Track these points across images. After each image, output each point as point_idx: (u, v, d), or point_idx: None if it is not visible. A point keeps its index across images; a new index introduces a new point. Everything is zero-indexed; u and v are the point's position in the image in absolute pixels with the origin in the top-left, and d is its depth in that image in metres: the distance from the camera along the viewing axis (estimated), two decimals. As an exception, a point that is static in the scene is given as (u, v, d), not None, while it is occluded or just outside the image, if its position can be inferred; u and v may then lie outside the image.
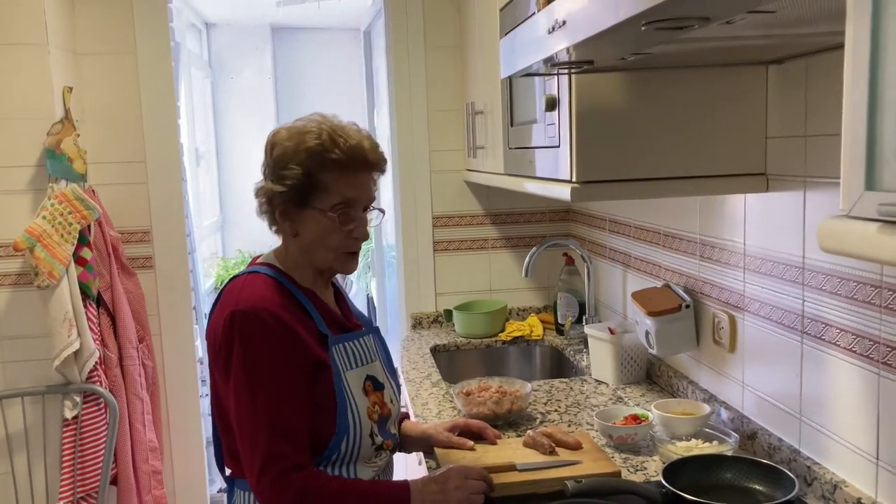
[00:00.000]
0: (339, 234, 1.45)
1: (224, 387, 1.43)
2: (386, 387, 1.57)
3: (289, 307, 1.43)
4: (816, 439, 1.50)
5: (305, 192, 1.43)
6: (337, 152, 1.41)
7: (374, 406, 1.51)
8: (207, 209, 5.87)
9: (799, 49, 1.39)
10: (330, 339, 1.47)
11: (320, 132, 1.43)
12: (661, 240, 2.15)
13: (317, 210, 1.43)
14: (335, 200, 1.43)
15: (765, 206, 1.65)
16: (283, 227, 1.48)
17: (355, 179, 1.44)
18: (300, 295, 1.47)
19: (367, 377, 1.52)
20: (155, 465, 2.76)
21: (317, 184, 1.42)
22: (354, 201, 1.45)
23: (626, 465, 1.68)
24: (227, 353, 1.39)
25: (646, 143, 1.61)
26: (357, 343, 1.53)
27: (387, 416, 1.55)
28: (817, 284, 1.47)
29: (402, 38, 2.90)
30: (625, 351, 2.21)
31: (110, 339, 2.66)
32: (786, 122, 1.56)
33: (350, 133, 1.45)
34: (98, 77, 2.75)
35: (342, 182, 1.42)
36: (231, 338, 1.38)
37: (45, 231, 2.43)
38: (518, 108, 2.10)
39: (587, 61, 1.32)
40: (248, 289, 1.43)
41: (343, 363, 1.48)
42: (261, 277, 1.47)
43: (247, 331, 1.37)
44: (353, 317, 1.63)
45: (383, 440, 1.52)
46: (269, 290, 1.43)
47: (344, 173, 1.42)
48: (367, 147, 1.45)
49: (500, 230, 3.02)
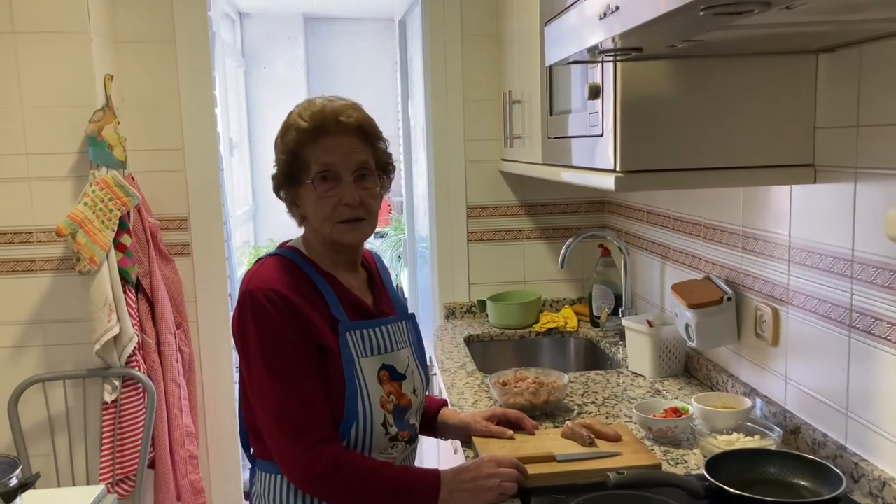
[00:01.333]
0: (326, 203, 1.44)
1: (244, 366, 1.45)
2: (408, 378, 1.55)
3: (298, 288, 1.43)
4: (864, 435, 1.48)
5: (293, 171, 1.46)
6: (301, 121, 1.44)
7: (388, 396, 1.48)
8: (240, 198, 5.92)
9: (853, 37, 1.36)
10: (342, 324, 1.46)
11: (295, 111, 1.47)
12: (701, 231, 2.12)
13: (303, 184, 1.46)
14: (315, 170, 1.44)
15: (811, 197, 1.62)
16: (294, 212, 1.52)
17: (330, 144, 1.43)
18: (317, 278, 1.48)
19: (384, 366, 1.50)
20: (191, 450, 2.79)
21: (300, 160, 1.45)
22: (333, 165, 1.44)
23: (666, 458, 1.67)
24: (241, 333, 1.42)
25: (691, 133, 1.58)
26: (378, 331, 1.51)
27: (405, 406, 1.52)
28: (867, 278, 1.44)
29: (438, 26, 2.89)
30: (663, 344, 2.18)
31: (149, 324, 2.69)
32: (836, 112, 1.52)
33: (316, 102, 1.47)
34: (138, 65, 2.77)
35: (318, 150, 1.43)
36: (243, 318, 1.41)
37: (87, 217, 2.47)
38: (557, 98, 2.08)
39: (635, 48, 1.30)
40: (262, 271, 1.45)
41: (357, 349, 1.46)
42: (278, 259, 1.48)
43: (256, 310, 1.39)
44: (386, 303, 1.61)
45: (398, 431, 1.50)
46: (280, 273, 1.45)
47: (317, 141, 1.43)
48: (336, 108, 1.45)
49: (535, 221, 3.01)
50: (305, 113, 1.45)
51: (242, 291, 1.43)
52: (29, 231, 2.61)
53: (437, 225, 3.00)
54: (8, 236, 2.61)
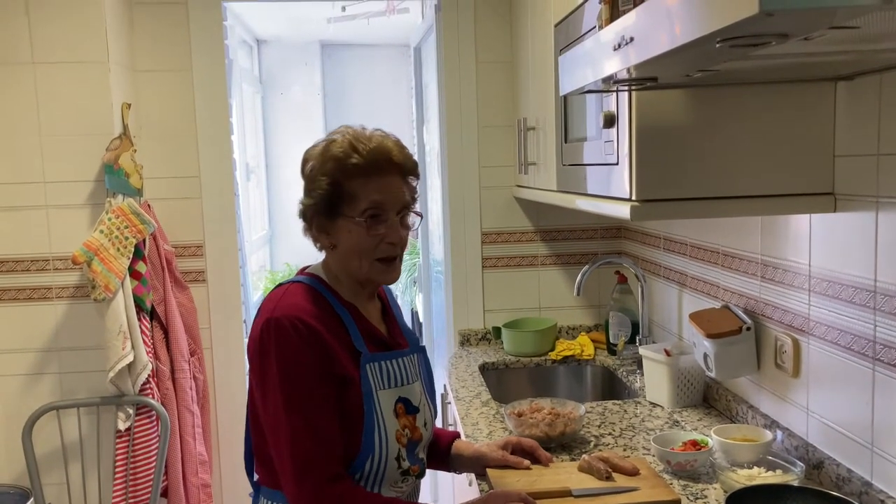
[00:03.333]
0: (371, 241, 1.43)
1: (259, 393, 1.42)
2: (421, 411, 1.53)
3: (324, 318, 1.42)
4: (890, 471, 1.43)
5: (334, 201, 1.43)
6: (356, 157, 1.41)
7: (403, 429, 1.47)
8: (256, 223, 5.95)
9: (872, 65, 1.34)
10: (363, 356, 1.44)
11: (342, 140, 1.44)
12: (719, 259, 2.10)
13: (347, 218, 1.43)
14: (363, 206, 1.42)
15: (832, 226, 1.59)
16: (322, 240, 1.49)
17: (381, 183, 1.42)
18: (340, 308, 1.46)
19: (400, 399, 1.48)
20: (204, 479, 2.78)
21: (344, 192, 1.42)
22: (383, 205, 1.43)
23: (685, 493, 1.63)
24: (261, 360, 1.39)
25: (707, 161, 1.56)
26: (395, 363, 1.50)
27: (417, 440, 1.51)
28: (891, 310, 1.41)
29: (453, 52, 2.90)
30: (681, 373, 2.15)
31: (163, 352, 2.69)
32: (856, 141, 1.50)
33: (371, 137, 1.45)
34: (155, 93, 2.80)
35: (369, 187, 1.42)
36: (265, 344, 1.38)
37: (103, 245, 2.48)
38: (572, 125, 2.07)
39: (650, 78, 1.28)
40: (286, 297, 1.43)
41: (376, 382, 1.45)
42: (301, 287, 1.47)
43: (280, 338, 1.37)
44: (399, 335, 1.60)
45: (410, 465, 1.48)
46: (305, 300, 1.43)
47: (369, 177, 1.41)
48: (390, 148, 1.44)
49: (550, 247, 2.99)
50: (360, 147, 1.42)
51: (267, 318, 1.40)
52: (46, 259, 2.62)
53: (452, 251, 2.99)
54: (25, 264, 2.62)
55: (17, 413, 2.61)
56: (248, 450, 1.54)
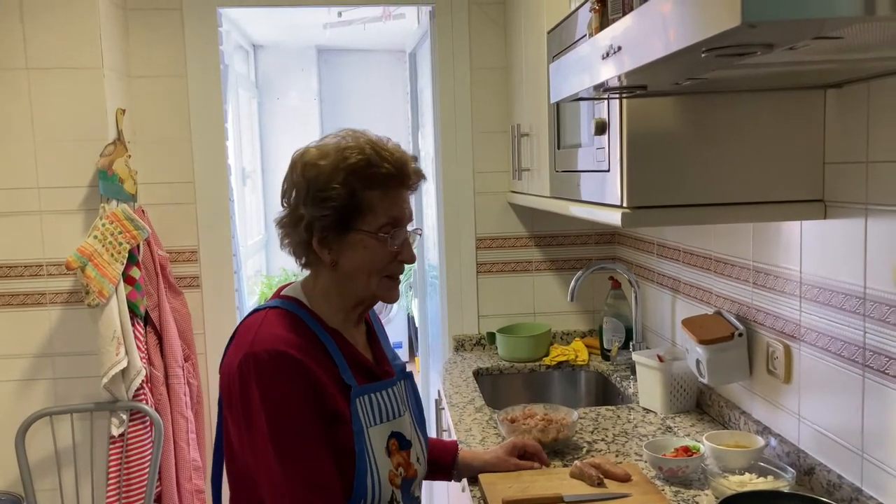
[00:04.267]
0: (387, 258, 1.34)
1: (242, 437, 1.28)
2: (413, 444, 1.43)
3: (308, 349, 1.29)
4: (880, 478, 1.44)
5: (349, 213, 1.31)
6: (387, 167, 1.32)
7: (397, 469, 1.36)
8: (252, 228, 5.95)
9: (860, 74, 1.35)
10: (354, 390, 1.32)
11: (361, 148, 1.32)
12: (711, 265, 2.10)
13: (363, 233, 1.32)
14: (382, 221, 1.32)
15: (822, 233, 1.59)
16: (321, 256, 1.34)
17: (398, 197, 1.35)
18: (325, 336, 1.34)
19: (393, 434, 1.38)
20: (198, 485, 2.77)
21: (360, 204, 1.31)
22: (400, 220, 1.35)
23: (677, 499, 1.63)
24: (244, 401, 1.26)
25: (698, 168, 1.57)
26: (385, 394, 1.39)
27: (411, 478, 1.41)
28: (880, 316, 1.41)
29: (447, 58, 2.91)
30: (674, 379, 2.15)
31: (157, 357, 2.69)
32: (845, 148, 1.51)
33: (391, 148, 1.37)
34: (149, 99, 2.80)
35: (387, 200, 1.33)
36: (246, 383, 1.25)
37: (97, 250, 2.48)
38: (565, 131, 2.07)
39: (640, 86, 1.29)
40: (266, 327, 1.29)
41: (367, 418, 1.33)
42: (280, 313, 1.33)
43: (262, 375, 1.24)
44: (385, 361, 1.48)
45: None
46: (285, 329, 1.29)
47: (388, 191, 1.33)
48: (409, 160, 1.38)
49: (545, 252, 2.99)
50: (386, 155, 1.32)
51: (246, 353, 1.25)
52: (39, 264, 2.62)
53: (447, 256, 2.99)
54: (19, 269, 2.62)
55: (10, 419, 2.60)
56: (216, 486, 1.43)
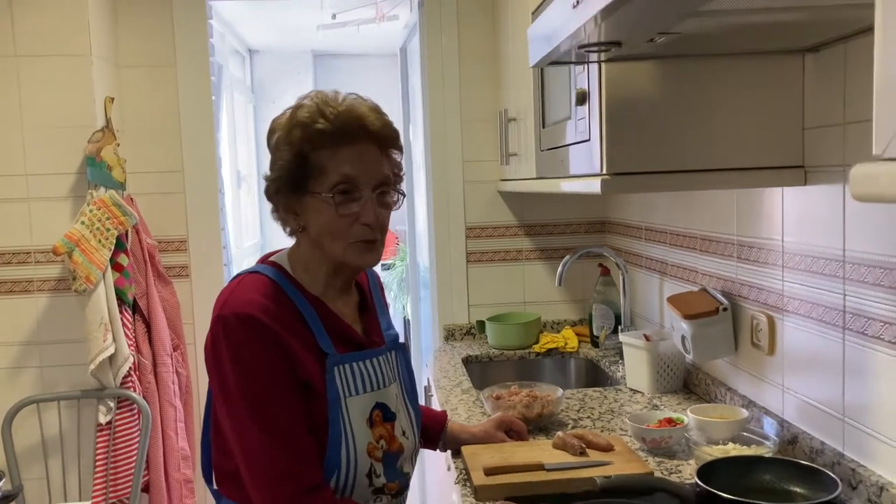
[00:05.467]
0: (344, 221, 1.26)
1: (218, 401, 1.28)
2: (399, 416, 1.39)
3: (281, 315, 1.26)
4: (861, 441, 1.43)
5: (300, 175, 1.26)
6: (322, 122, 1.24)
7: (378, 441, 1.32)
8: (248, 231, 5.94)
9: (835, 31, 1.35)
10: (329, 358, 1.28)
11: (308, 106, 1.27)
12: (697, 244, 2.10)
13: (315, 195, 1.26)
14: (333, 180, 1.25)
15: (803, 200, 1.59)
16: (290, 222, 1.32)
17: (353, 153, 1.26)
18: (302, 303, 1.30)
19: (377, 405, 1.34)
20: (186, 474, 2.76)
21: (312, 164, 1.26)
22: (355, 179, 1.26)
23: (660, 469, 1.62)
24: (216, 364, 1.25)
25: (679, 135, 1.57)
26: (368, 364, 1.34)
27: (396, 452, 1.36)
28: (859, 277, 1.41)
29: (436, 47, 2.92)
30: (661, 358, 2.14)
31: (145, 345, 2.68)
32: (824, 112, 1.51)
33: (342, 100, 1.28)
34: (139, 88, 2.81)
35: (338, 157, 1.25)
36: (217, 347, 1.24)
37: (84, 236, 2.48)
38: (550, 109, 2.08)
39: (614, 42, 1.29)
40: (238, 292, 1.27)
41: (345, 387, 1.30)
42: (257, 278, 1.30)
43: (232, 338, 1.23)
44: (377, 331, 1.44)
45: (386, 482, 1.33)
46: (259, 294, 1.26)
47: (339, 147, 1.25)
48: (364, 113, 1.27)
49: (534, 241, 2.99)
50: (328, 111, 1.25)
51: (216, 315, 1.25)
52: (27, 251, 2.62)
53: (437, 246, 2.99)
54: (6, 256, 2.62)
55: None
56: (206, 455, 1.40)
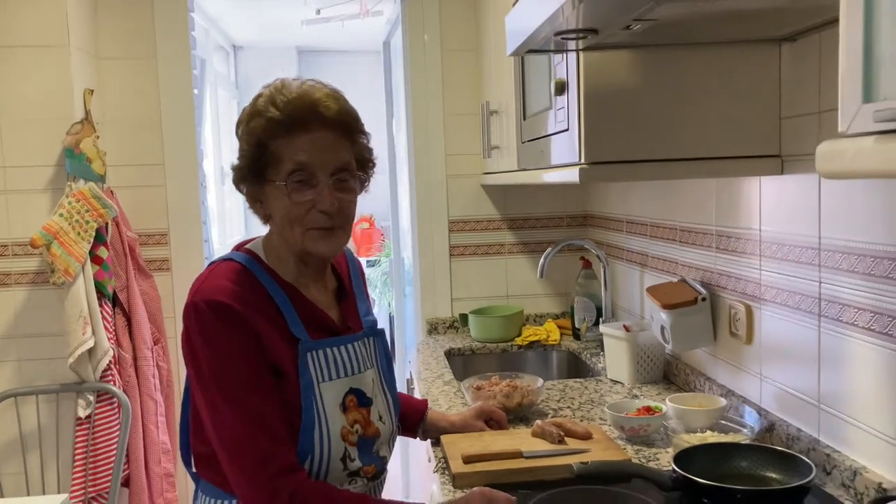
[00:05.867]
0: (300, 208, 1.27)
1: (194, 384, 1.29)
2: (376, 402, 1.39)
3: (250, 300, 1.27)
4: (836, 426, 1.44)
5: (260, 164, 1.28)
6: (273, 110, 1.25)
7: (352, 426, 1.33)
8: (233, 228, 5.91)
9: (810, 19, 1.36)
10: (302, 343, 1.30)
11: (266, 94, 1.29)
12: (677, 235, 2.11)
13: (272, 183, 1.28)
14: (288, 168, 1.26)
15: (780, 190, 1.60)
16: (257, 210, 1.35)
17: (306, 140, 1.26)
18: (275, 289, 1.31)
19: (351, 390, 1.35)
20: (167, 468, 2.74)
21: (269, 153, 1.27)
22: (310, 166, 1.26)
23: (638, 457, 1.63)
24: (189, 350, 1.27)
25: (657, 124, 1.58)
26: (343, 350, 1.35)
27: (371, 437, 1.37)
28: (833, 264, 1.42)
29: (418, 41, 2.92)
30: (641, 349, 2.15)
31: (125, 338, 2.66)
32: (800, 101, 1.52)
33: (291, 87, 1.28)
34: (119, 81, 2.79)
35: (292, 145, 1.26)
36: (189, 332, 1.26)
37: (62, 228, 2.45)
38: (530, 101, 2.08)
39: (591, 30, 1.29)
40: (209, 279, 1.29)
41: (319, 373, 1.31)
42: (229, 265, 1.32)
43: (202, 324, 1.24)
44: (353, 318, 1.44)
45: (361, 465, 1.34)
46: (230, 281, 1.28)
47: (292, 134, 1.26)
48: (319, 99, 1.27)
49: (517, 235, 2.99)
50: (279, 99, 1.26)
51: (188, 302, 1.27)
52: (4, 244, 2.60)
53: (420, 240, 2.99)
54: (-16, 250, 2.59)
55: (-25, 402, 2.57)
56: (185, 438, 1.41)
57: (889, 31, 0.62)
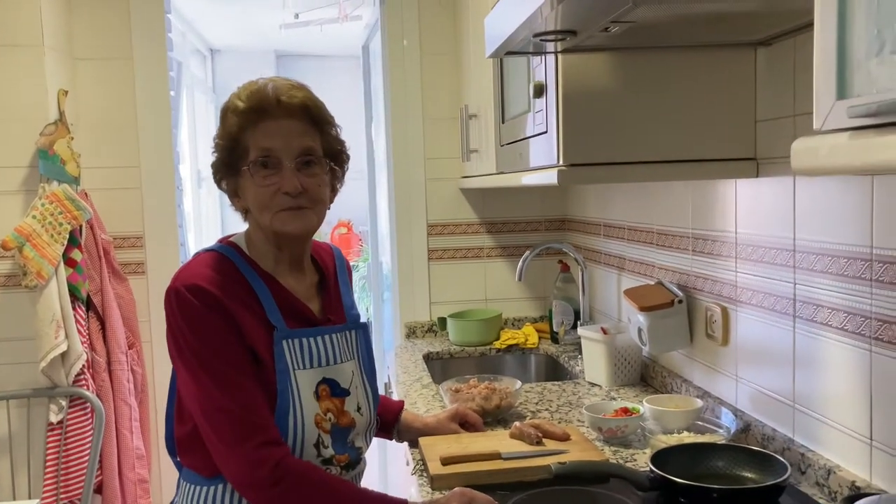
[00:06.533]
0: (266, 192, 1.32)
1: (178, 367, 1.33)
2: (355, 394, 1.42)
3: (228, 287, 1.32)
4: (810, 426, 1.46)
5: (232, 157, 1.35)
6: (238, 102, 1.33)
7: (325, 413, 1.36)
8: (209, 232, 5.87)
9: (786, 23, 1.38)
10: (277, 331, 1.34)
11: (236, 92, 1.37)
12: (654, 238, 2.12)
13: (243, 172, 1.35)
14: (254, 155, 1.33)
15: (755, 192, 1.62)
16: (235, 204, 1.40)
17: (271, 128, 1.32)
18: (254, 278, 1.36)
19: (324, 380, 1.37)
20: (141, 474, 2.70)
21: (241, 145, 1.34)
22: (272, 151, 1.32)
23: (616, 458, 1.63)
24: (172, 333, 1.32)
25: (634, 127, 1.59)
26: (319, 340, 1.39)
27: (346, 426, 1.39)
28: (808, 265, 1.44)
29: (397, 45, 2.92)
30: (618, 351, 2.16)
31: (99, 343, 2.63)
32: (775, 105, 1.54)
33: (257, 82, 1.36)
34: (94, 81, 2.76)
35: (258, 133, 1.33)
36: (170, 317, 1.31)
37: (35, 230, 2.42)
38: (509, 104, 2.09)
39: (570, 31, 1.30)
40: (189, 267, 1.35)
41: (294, 360, 1.35)
42: (211, 255, 1.37)
43: (182, 307, 1.29)
44: (337, 309, 1.48)
45: (334, 454, 1.36)
46: (211, 270, 1.33)
47: (256, 124, 1.33)
48: (278, 87, 1.34)
49: (495, 239, 3.00)
50: (243, 93, 1.34)
51: (168, 288, 1.32)
52: (-24, 246, 2.55)
53: (398, 243, 2.98)
54: (-46, 252, 2.55)
55: (-57, 407, 2.52)
56: (170, 429, 1.44)
57: (862, 28, 0.63)
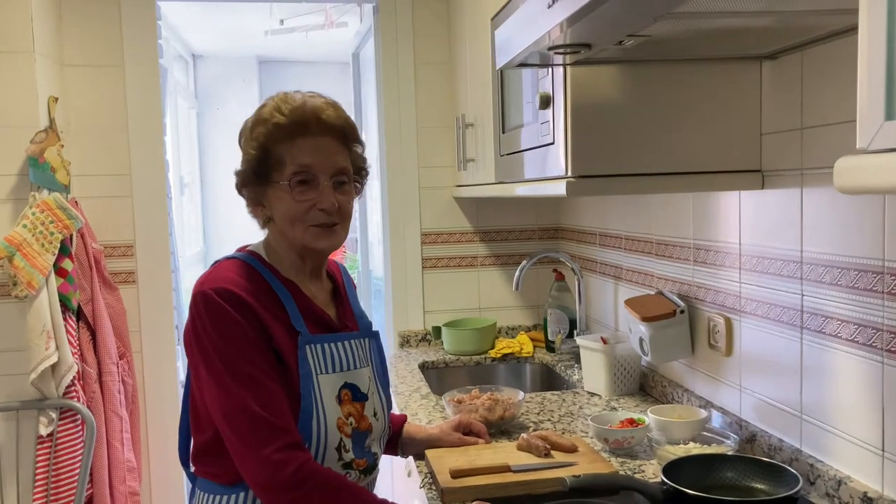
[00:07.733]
0: (301, 207, 1.35)
1: (201, 372, 1.32)
2: (371, 398, 1.44)
3: (257, 293, 1.34)
4: (819, 437, 1.47)
5: (263, 168, 1.36)
6: (279, 116, 1.35)
7: (347, 417, 1.38)
8: (191, 239, 5.81)
9: (794, 38, 1.39)
10: (301, 336, 1.36)
11: (271, 103, 1.38)
12: (653, 248, 2.13)
13: (276, 184, 1.36)
14: (291, 170, 1.35)
15: (760, 203, 1.64)
16: (258, 213, 1.42)
17: (309, 144, 1.35)
18: (278, 285, 1.38)
19: (346, 385, 1.40)
20: (132, 487, 2.66)
21: (273, 157, 1.36)
22: (311, 168, 1.35)
23: (623, 469, 1.63)
24: (196, 335, 1.31)
25: (641, 139, 1.59)
26: (339, 346, 1.42)
27: (365, 431, 1.42)
28: (816, 277, 1.45)
29: (391, 53, 2.91)
30: (618, 361, 2.17)
31: (90, 353, 2.58)
32: (781, 118, 1.55)
33: (297, 97, 1.38)
34: (84, 89, 2.72)
35: (296, 148, 1.34)
36: (197, 320, 1.31)
37: (26, 240, 2.38)
38: (509, 115, 2.09)
39: (584, 44, 1.30)
40: (216, 272, 1.37)
41: (317, 365, 1.37)
42: (235, 262, 1.40)
43: (211, 310, 1.30)
44: (349, 318, 1.51)
45: (354, 458, 1.38)
46: (238, 275, 1.35)
47: (294, 139, 1.35)
48: (319, 107, 1.37)
49: (489, 247, 3.00)
50: (284, 107, 1.36)
51: (195, 292, 1.33)
52: (-36, 256, 2.50)
53: (392, 252, 2.97)
54: (-59, 262, 2.49)
55: (-71, 420, 2.46)
56: (184, 440, 1.45)
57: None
